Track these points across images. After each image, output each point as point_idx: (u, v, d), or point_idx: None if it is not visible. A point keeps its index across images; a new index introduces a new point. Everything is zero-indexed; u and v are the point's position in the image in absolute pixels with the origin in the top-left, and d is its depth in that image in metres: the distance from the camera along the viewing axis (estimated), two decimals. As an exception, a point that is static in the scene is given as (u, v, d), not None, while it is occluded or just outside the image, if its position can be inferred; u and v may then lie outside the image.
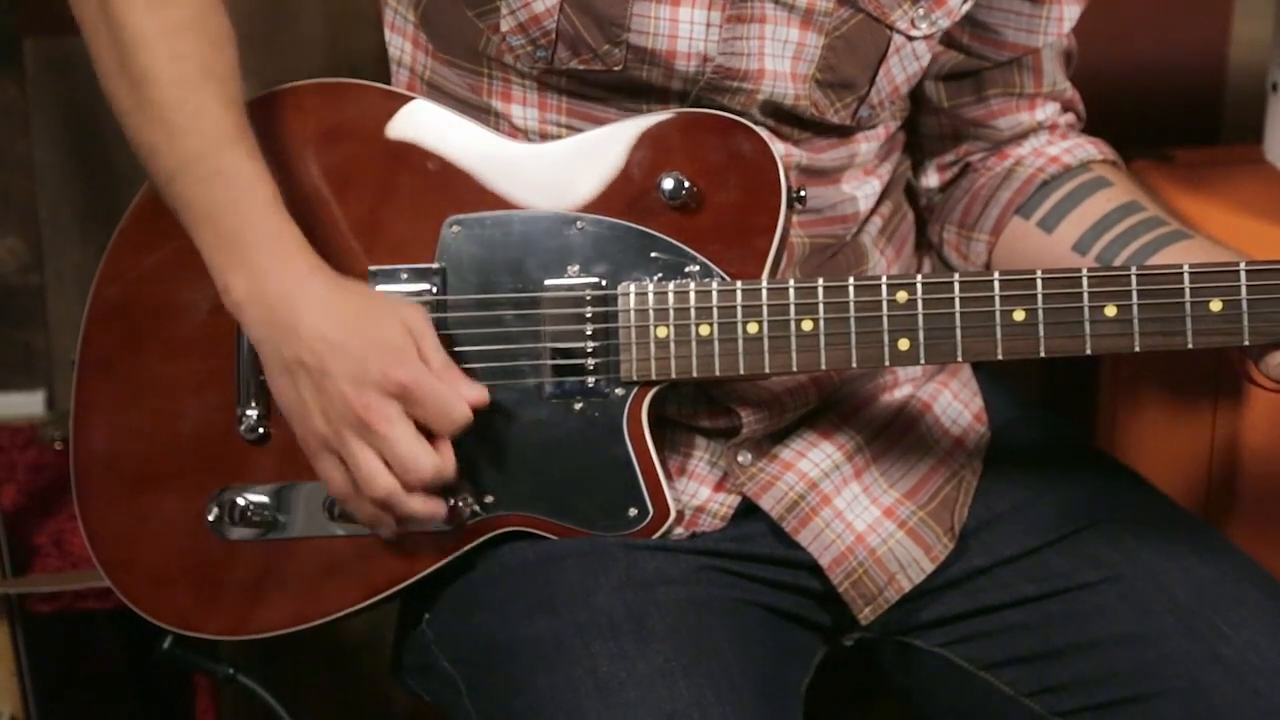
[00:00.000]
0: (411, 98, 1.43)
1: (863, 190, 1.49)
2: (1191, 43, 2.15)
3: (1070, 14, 1.51)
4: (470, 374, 1.36)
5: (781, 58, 1.40)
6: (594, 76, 1.40)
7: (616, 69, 1.39)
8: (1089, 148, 1.55)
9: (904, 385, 1.53)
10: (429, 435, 1.32)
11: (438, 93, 1.46)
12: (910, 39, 1.43)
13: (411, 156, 1.41)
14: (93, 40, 1.39)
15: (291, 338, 1.32)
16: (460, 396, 1.32)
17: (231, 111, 1.35)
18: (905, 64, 1.45)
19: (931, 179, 1.59)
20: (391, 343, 1.31)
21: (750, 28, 1.39)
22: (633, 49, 1.38)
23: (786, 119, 1.43)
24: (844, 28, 1.41)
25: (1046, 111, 1.55)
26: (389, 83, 1.49)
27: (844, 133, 1.46)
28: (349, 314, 1.32)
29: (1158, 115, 2.11)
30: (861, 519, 1.46)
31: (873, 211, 1.51)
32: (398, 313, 1.33)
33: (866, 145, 1.48)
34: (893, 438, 1.51)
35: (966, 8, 1.45)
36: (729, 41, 1.39)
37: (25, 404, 2.10)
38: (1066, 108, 1.57)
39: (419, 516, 1.34)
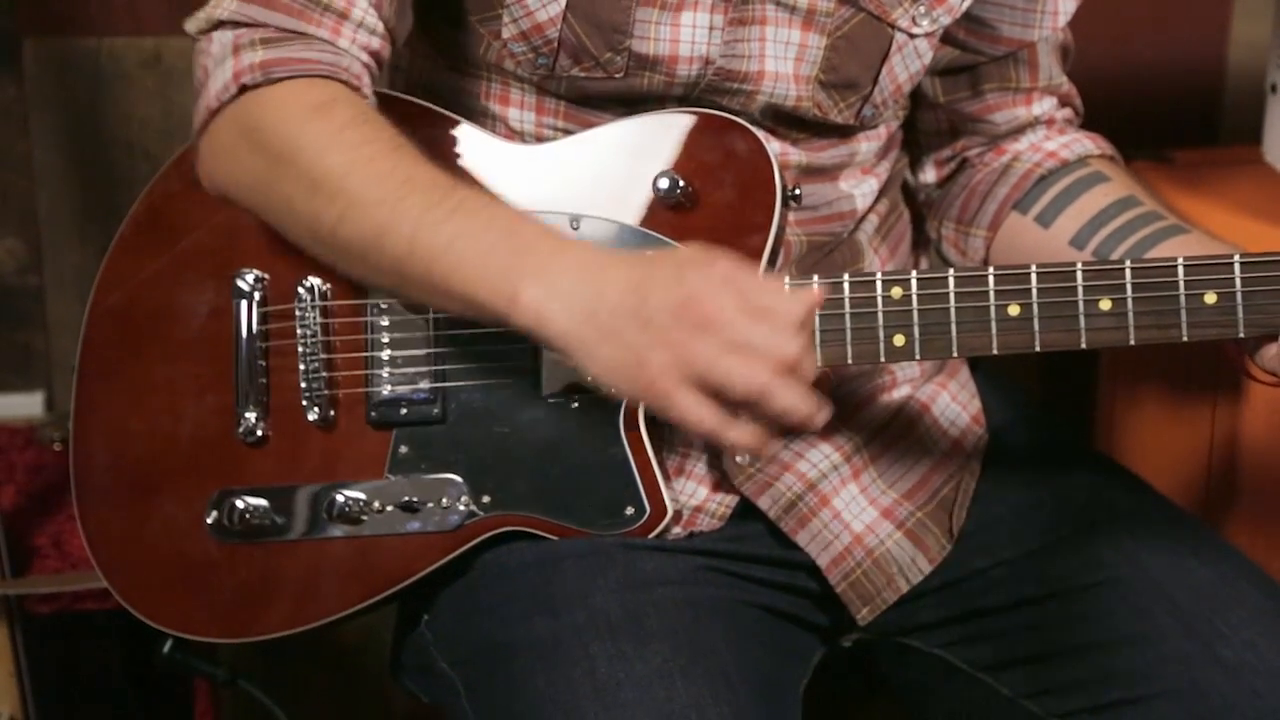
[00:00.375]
0: (408, 100, 1.43)
1: (860, 189, 1.49)
2: (1191, 44, 2.15)
3: (1066, 8, 1.51)
4: (468, 373, 1.36)
5: (784, 59, 1.40)
6: (595, 85, 1.40)
7: (618, 76, 1.39)
8: (1086, 143, 1.55)
9: (902, 386, 1.53)
10: None
11: (434, 97, 1.46)
12: (912, 37, 1.43)
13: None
14: (279, 192, 1.33)
15: (601, 303, 1.23)
16: (780, 287, 1.25)
17: (432, 164, 1.31)
18: (908, 62, 1.45)
19: (929, 174, 1.58)
20: (693, 255, 1.24)
21: (751, 29, 1.39)
22: (635, 56, 1.38)
23: (785, 120, 1.43)
24: (845, 27, 1.41)
25: (1043, 106, 1.55)
26: (385, 87, 1.49)
27: (845, 133, 1.46)
28: (641, 260, 1.25)
29: (1157, 116, 2.11)
30: (860, 520, 1.46)
31: (869, 210, 1.51)
32: (674, 254, 1.27)
33: (867, 145, 1.48)
34: (891, 439, 1.50)
35: (967, 4, 1.45)
36: (730, 44, 1.39)
37: (24, 405, 2.10)
38: (1064, 102, 1.57)
39: (800, 409, 1.21)
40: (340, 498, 1.42)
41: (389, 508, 1.42)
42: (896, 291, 1.33)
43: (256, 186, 1.35)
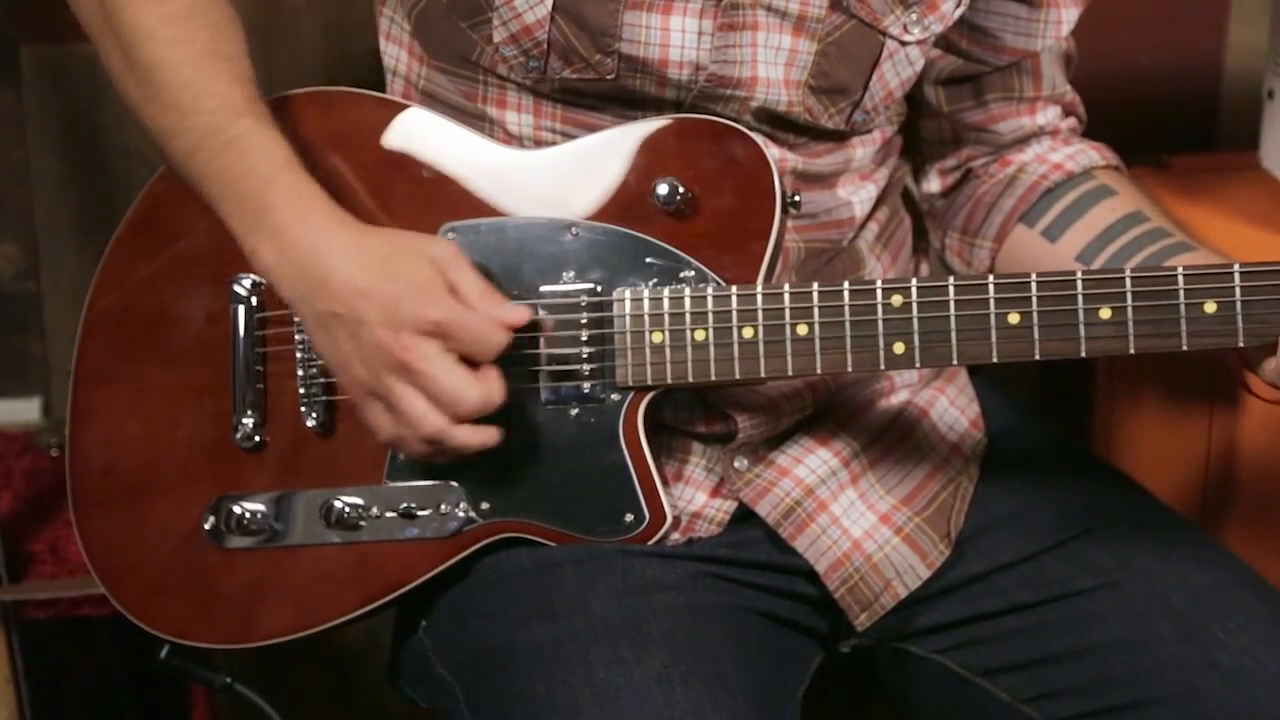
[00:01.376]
0: (406, 106, 1.43)
1: (858, 195, 1.49)
2: (1188, 50, 2.15)
3: (1069, 17, 1.51)
4: None
5: (774, 64, 1.40)
6: (588, 86, 1.40)
7: (609, 78, 1.39)
8: (1092, 154, 1.55)
9: (901, 391, 1.53)
10: (472, 366, 1.31)
11: (433, 101, 1.46)
12: (903, 44, 1.43)
13: (406, 164, 1.41)
14: (99, 43, 1.40)
15: (323, 291, 1.31)
16: (495, 321, 1.31)
17: (239, 86, 1.35)
18: (899, 69, 1.45)
19: (933, 184, 1.58)
20: (421, 282, 1.30)
21: (742, 35, 1.39)
22: (624, 58, 1.38)
23: (780, 125, 1.43)
24: (836, 34, 1.41)
25: (1048, 115, 1.55)
26: (385, 92, 1.49)
27: (839, 138, 1.46)
28: (376, 259, 1.31)
29: (1155, 122, 2.11)
30: (858, 525, 1.46)
31: (869, 217, 1.51)
32: (425, 250, 1.32)
33: (862, 150, 1.48)
34: (889, 444, 1.50)
35: (959, 12, 1.45)
36: (721, 49, 1.39)
37: (22, 410, 2.10)
38: (1068, 111, 1.57)
39: (471, 447, 1.32)
40: (338, 504, 1.42)
41: (387, 514, 1.42)
42: (897, 299, 1.34)
43: (88, 26, 1.42)
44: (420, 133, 1.42)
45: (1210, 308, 1.31)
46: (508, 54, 1.40)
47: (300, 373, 1.42)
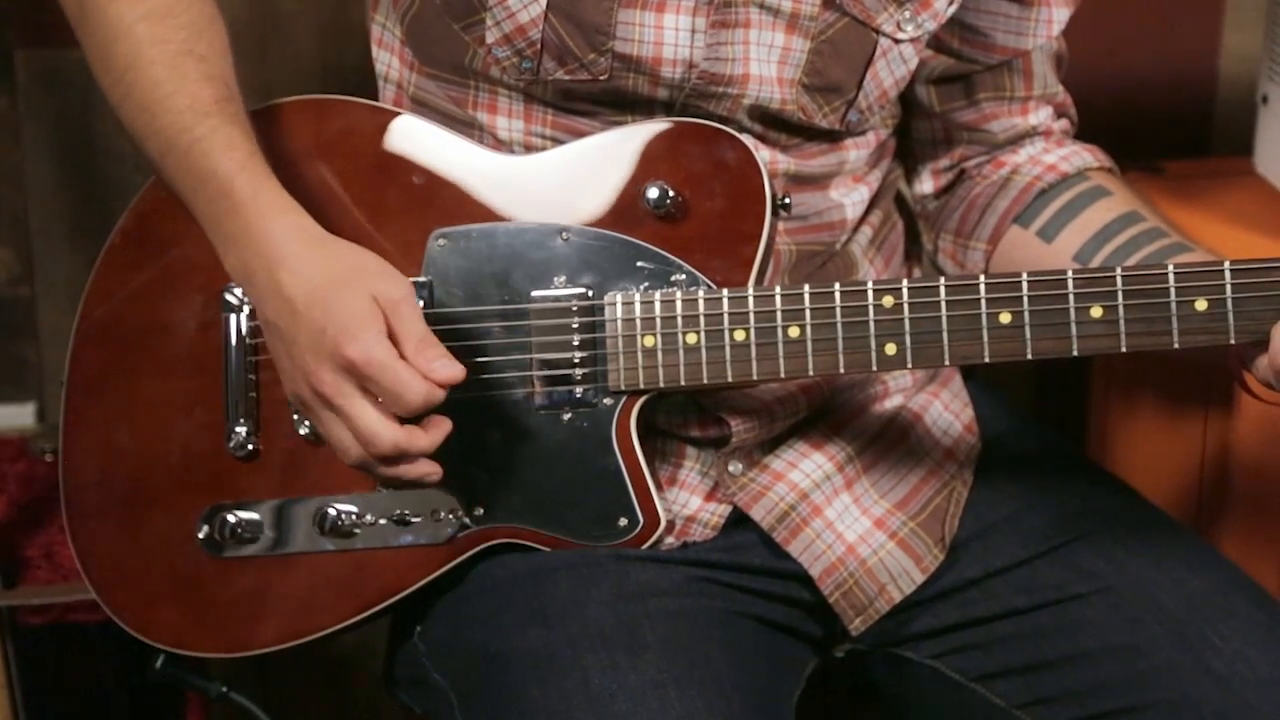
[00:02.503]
0: (397, 113, 1.43)
1: (850, 198, 1.49)
2: (1182, 56, 2.15)
3: (1059, 16, 1.51)
4: (458, 386, 1.35)
5: (767, 62, 1.40)
6: (580, 88, 1.40)
7: (603, 78, 1.39)
8: (1085, 155, 1.55)
9: (895, 396, 1.53)
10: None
11: (423, 108, 1.46)
12: (897, 42, 1.43)
13: (397, 172, 1.41)
14: (80, 38, 1.40)
15: (269, 299, 1.31)
16: (417, 378, 1.28)
17: (210, 85, 1.35)
18: (893, 67, 1.45)
19: (926, 185, 1.58)
20: (352, 316, 1.28)
21: (735, 33, 1.39)
22: (618, 57, 1.38)
23: (774, 124, 1.43)
24: (829, 32, 1.41)
25: (1040, 116, 1.55)
26: (377, 98, 1.49)
27: (833, 138, 1.46)
28: (320, 280, 1.30)
29: (1149, 127, 2.11)
30: (852, 530, 1.46)
31: (862, 220, 1.51)
32: (373, 284, 1.30)
33: (856, 152, 1.48)
34: (884, 448, 1.50)
35: (952, 10, 1.45)
36: (714, 47, 1.39)
37: (16, 416, 2.10)
38: (1060, 112, 1.57)
39: (403, 479, 1.31)
40: (332, 511, 1.41)
41: (381, 521, 1.41)
42: (888, 300, 1.34)
43: (72, 24, 1.42)
44: (411, 140, 1.42)
45: (1201, 305, 1.31)
46: (500, 55, 1.40)
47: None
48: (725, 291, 1.36)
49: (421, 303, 1.39)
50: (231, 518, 1.42)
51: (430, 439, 1.30)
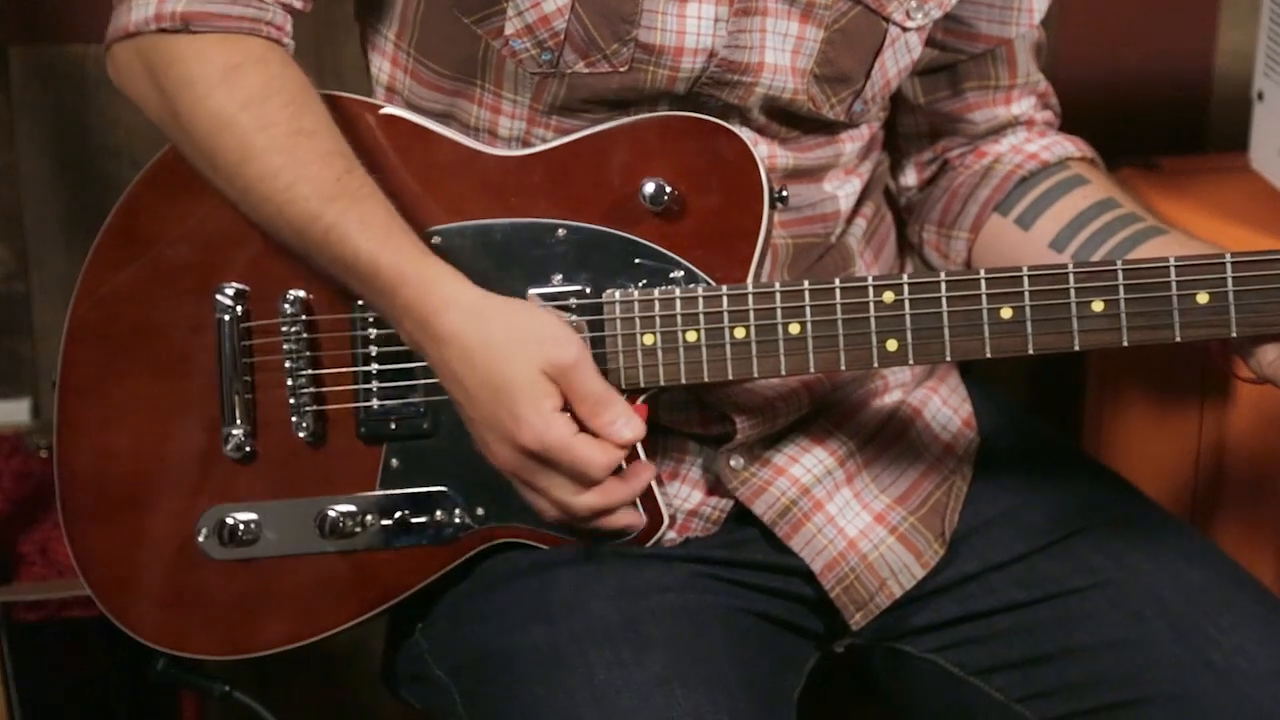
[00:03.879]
0: (390, 109, 1.41)
1: (843, 189, 1.49)
2: (1178, 52, 2.16)
3: (1040, 4, 1.50)
4: None
5: (782, 51, 1.40)
6: (596, 81, 1.38)
7: (622, 70, 1.37)
8: (1067, 145, 1.55)
9: (894, 391, 1.53)
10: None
11: (418, 113, 1.44)
12: (905, 30, 1.43)
13: (392, 169, 1.40)
14: (171, 131, 1.37)
15: (443, 373, 1.32)
16: (597, 448, 1.28)
17: (328, 164, 1.32)
18: (899, 57, 1.45)
19: (910, 178, 1.59)
20: (520, 399, 1.28)
21: (753, 20, 1.38)
22: (641, 46, 1.37)
23: (780, 115, 1.43)
24: (843, 20, 1.41)
25: (1023, 106, 1.55)
26: (370, 94, 1.49)
27: (833, 130, 1.46)
28: (484, 361, 1.29)
29: (1145, 124, 2.12)
30: (853, 525, 1.46)
31: (855, 212, 1.51)
32: (539, 353, 1.29)
33: (851, 145, 1.48)
34: (884, 444, 1.50)
35: None
36: (735, 35, 1.38)
37: (11, 412, 2.09)
38: (1043, 103, 1.57)
39: (605, 532, 1.33)
40: (332, 513, 1.41)
41: (382, 522, 1.41)
42: (889, 296, 1.33)
43: (154, 115, 1.38)
44: (405, 136, 1.41)
45: (1203, 299, 1.31)
46: (519, 46, 1.38)
47: (289, 382, 1.41)
48: (725, 288, 1.35)
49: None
50: (231, 520, 1.42)
51: (630, 489, 1.32)
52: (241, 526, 1.41)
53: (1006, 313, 1.32)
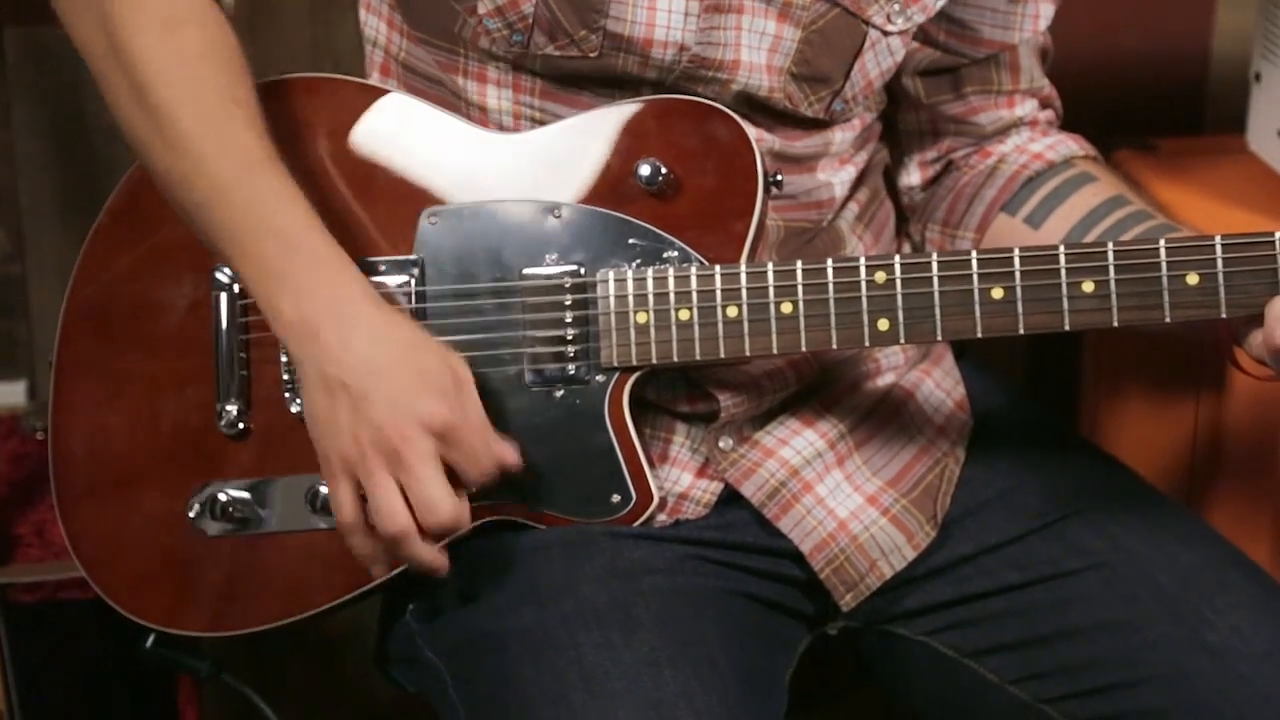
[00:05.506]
0: (386, 91, 1.43)
1: (838, 177, 1.49)
2: (1175, 33, 2.15)
3: (1046, 12, 1.51)
4: None
5: (757, 49, 1.40)
6: (570, 64, 1.39)
7: (593, 56, 1.38)
8: (1071, 144, 1.56)
9: (886, 373, 1.53)
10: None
11: (412, 74, 1.46)
12: (886, 34, 1.43)
13: (388, 150, 1.41)
14: (104, 74, 1.36)
15: (337, 358, 1.28)
16: (492, 453, 1.30)
17: (257, 137, 1.33)
18: (880, 59, 1.45)
19: (913, 176, 1.58)
20: (439, 381, 1.29)
21: (728, 18, 1.39)
22: (610, 36, 1.38)
23: (759, 109, 1.43)
24: (820, 21, 1.41)
25: (1026, 108, 1.56)
26: (365, 63, 1.49)
27: (818, 124, 1.46)
28: (398, 342, 1.29)
29: (1142, 105, 2.11)
30: (844, 506, 1.46)
31: (849, 198, 1.51)
32: (446, 357, 1.31)
33: (841, 135, 1.48)
34: (875, 425, 1.50)
35: (941, 3, 1.45)
36: (706, 31, 1.38)
37: (7, 394, 2.10)
38: (1045, 104, 1.58)
39: (422, 564, 1.30)
40: (324, 489, 1.41)
41: (374, 499, 1.41)
42: (880, 276, 1.34)
43: (90, 56, 1.37)
44: (401, 118, 1.41)
45: (1193, 279, 1.31)
46: (491, 26, 1.39)
47: (284, 359, 1.41)
48: (718, 268, 1.36)
49: (412, 280, 1.39)
50: (223, 496, 1.42)
51: (466, 527, 1.30)
52: (233, 503, 1.42)
53: (998, 293, 1.32)
